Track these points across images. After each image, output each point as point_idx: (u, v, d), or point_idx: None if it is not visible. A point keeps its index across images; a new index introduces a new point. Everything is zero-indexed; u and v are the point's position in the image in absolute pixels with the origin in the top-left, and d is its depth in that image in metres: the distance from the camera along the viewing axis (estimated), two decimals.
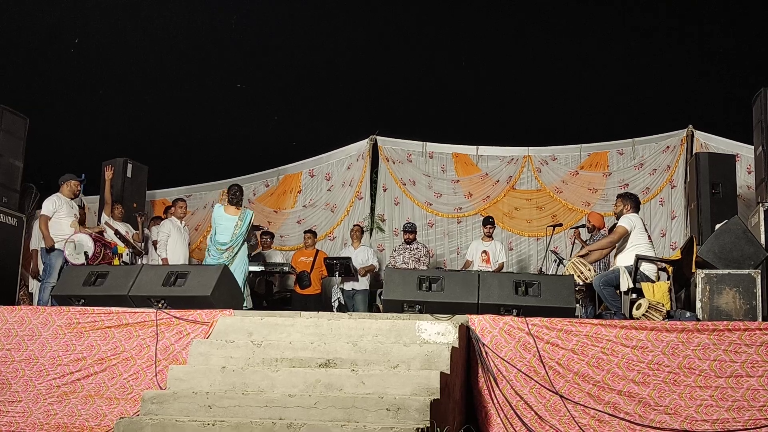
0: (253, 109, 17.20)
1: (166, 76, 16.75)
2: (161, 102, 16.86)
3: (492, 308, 7.09)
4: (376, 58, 17.27)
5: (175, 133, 16.79)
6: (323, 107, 17.12)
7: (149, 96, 16.88)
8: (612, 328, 6.61)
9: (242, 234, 9.22)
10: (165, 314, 7.18)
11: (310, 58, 17.31)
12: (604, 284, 8.01)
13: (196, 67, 16.99)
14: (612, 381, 6.50)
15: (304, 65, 17.38)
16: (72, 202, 9.72)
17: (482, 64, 17.27)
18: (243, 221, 9.25)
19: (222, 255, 9.04)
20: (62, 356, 7.22)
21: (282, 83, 17.40)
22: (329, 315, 7.29)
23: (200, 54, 16.91)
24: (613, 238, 8.31)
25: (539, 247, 12.81)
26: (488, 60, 17.21)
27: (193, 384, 6.01)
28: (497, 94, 16.93)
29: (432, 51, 17.46)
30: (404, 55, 17.32)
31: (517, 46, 17.39)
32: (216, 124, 17.21)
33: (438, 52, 17.41)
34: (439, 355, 6.14)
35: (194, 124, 17.08)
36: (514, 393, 6.59)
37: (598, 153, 13.07)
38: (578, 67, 17.10)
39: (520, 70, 17.26)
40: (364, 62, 17.27)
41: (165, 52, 16.54)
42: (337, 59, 17.29)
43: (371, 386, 5.77)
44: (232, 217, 9.28)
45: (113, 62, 16.55)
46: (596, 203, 12.61)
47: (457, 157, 13.49)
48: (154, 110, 16.88)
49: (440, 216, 13.24)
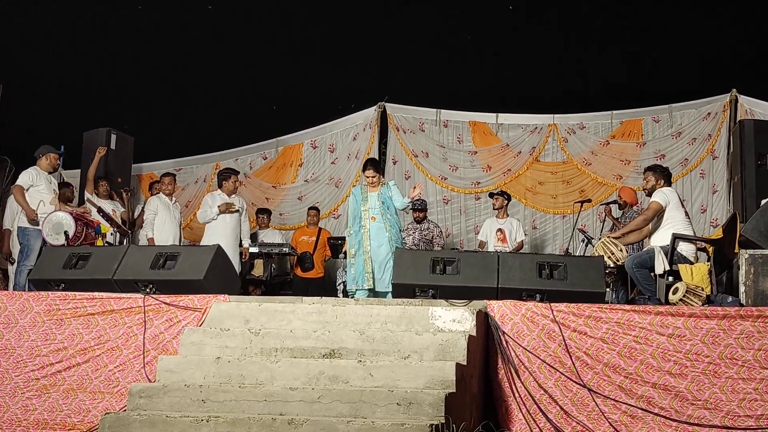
0: (249, 71, 17.12)
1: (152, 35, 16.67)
2: (148, 65, 16.81)
3: (513, 293, 7.09)
4: (384, 15, 17.15)
5: (162, 100, 16.74)
6: (326, 70, 17.03)
7: (134, 58, 16.82)
8: (646, 315, 6.60)
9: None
10: (153, 300, 7.21)
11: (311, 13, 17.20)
12: (638, 266, 7.99)
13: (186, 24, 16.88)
14: (646, 373, 6.50)
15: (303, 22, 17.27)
16: (51, 177, 9.75)
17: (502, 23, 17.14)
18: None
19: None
20: (41, 346, 7.26)
21: (278, 42, 17.30)
22: (334, 300, 7.31)
23: (189, 9, 16.81)
24: (647, 214, 8.28)
25: (565, 225, 12.80)
26: (507, 17, 17.08)
27: (185, 376, 6.05)
28: (519, 55, 16.81)
29: (446, 7, 17.33)
30: (415, 11, 17.19)
31: (541, 1, 17.26)
32: (208, 89, 17.14)
33: (452, 8, 17.28)
34: (454, 344, 6.15)
35: (184, 89, 17.01)
36: (538, 386, 6.61)
37: (631, 121, 13.02)
38: (607, 24, 16.95)
39: (543, 27, 17.12)
40: (371, 20, 17.16)
41: (150, 6, 16.44)
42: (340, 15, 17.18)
43: (380, 379, 5.79)
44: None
45: (95, 20, 16.47)
46: (629, 176, 12.57)
47: (474, 126, 13.46)
48: (140, 74, 16.83)
49: (456, 191, 13.23)
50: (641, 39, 16.58)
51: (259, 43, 16.93)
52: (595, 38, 16.87)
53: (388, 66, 16.94)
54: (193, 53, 16.95)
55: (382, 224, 9.00)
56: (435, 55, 17.27)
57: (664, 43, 16.51)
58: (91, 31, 16.36)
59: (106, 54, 16.65)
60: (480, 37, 17.19)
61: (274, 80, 16.97)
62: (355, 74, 16.55)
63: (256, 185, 13.82)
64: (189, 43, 16.79)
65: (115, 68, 16.81)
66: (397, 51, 17.09)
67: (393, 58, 17.06)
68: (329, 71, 16.85)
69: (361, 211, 9.08)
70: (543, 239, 12.94)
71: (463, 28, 17.22)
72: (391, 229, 8.98)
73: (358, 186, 9.62)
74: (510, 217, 11.69)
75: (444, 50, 17.31)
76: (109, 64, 16.76)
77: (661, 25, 16.43)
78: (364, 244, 8.96)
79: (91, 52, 16.45)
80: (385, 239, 8.95)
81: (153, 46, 16.49)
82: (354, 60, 16.82)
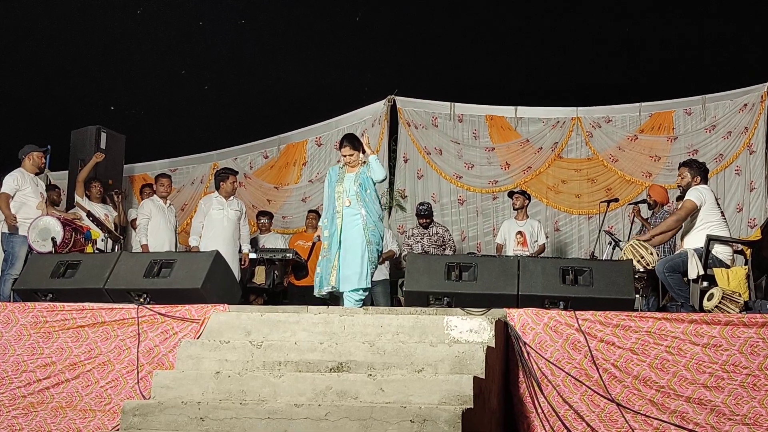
0: (248, 65, 17.15)
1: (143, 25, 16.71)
2: (139, 59, 16.85)
3: (535, 300, 7.08)
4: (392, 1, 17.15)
5: (156, 95, 16.79)
6: (331, 61, 17.05)
7: (126, 52, 16.86)
8: (679, 323, 6.58)
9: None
10: (148, 310, 7.23)
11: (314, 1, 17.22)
12: (669, 270, 7.96)
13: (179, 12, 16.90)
14: (679, 386, 6.48)
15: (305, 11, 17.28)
16: (37, 179, 9.78)
17: (520, 7, 17.12)
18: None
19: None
20: (27, 361, 7.29)
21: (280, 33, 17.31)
22: (341, 310, 7.31)
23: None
24: (679, 215, 8.26)
25: (591, 227, 12.79)
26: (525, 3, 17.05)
27: (182, 392, 6.06)
28: (538, 43, 16.80)
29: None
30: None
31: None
32: (204, 84, 17.18)
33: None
34: (471, 356, 6.14)
35: (178, 83, 17.06)
36: (562, 401, 6.60)
37: (661, 113, 13.00)
38: (635, 9, 16.92)
39: (565, 14, 17.11)
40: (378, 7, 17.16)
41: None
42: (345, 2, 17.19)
43: (392, 394, 5.79)
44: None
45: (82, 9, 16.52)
46: (659, 174, 12.56)
47: (491, 121, 13.46)
48: (131, 67, 16.88)
49: (472, 191, 13.24)
50: (671, 25, 16.55)
51: (259, 33, 16.96)
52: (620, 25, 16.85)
53: (398, 56, 16.94)
54: (187, 44, 16.98)
55: (356, 210, 8.24)
56: (448, 44, 17.25)
57: (697, 30, 16.48)
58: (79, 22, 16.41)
59: (94, 46, 16.69)
60: (496, 25, 17.18)
61: (276, 73, 16.99)
62: (362, 66, 16.56)
63: (256, 186, 13.85)
64: (183, 33, 16.82)
65: (104, 61, 16.86)
66: (407, 40, 17.08)
67: (403, 48, 17.06)
68: (334, 62, 16.87)
69: (336, 194, 8.35)
70: (566, 242, 12.93)
71: (478, 14, 17.21)
72: (367, 216, 8.20)
73: (336, 166, 8.74)
74: (530, 219, 11.68)
75: (457, 38, 17.30)
76: (99, 56, 16.81)
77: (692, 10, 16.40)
78: (340, 234, 8.24)
79: (79, 44, 16.49)
80: (358, 227, 8.20)
81: (145, 37, 16.54)
82: (361, 50, 16.83)
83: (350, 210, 8.25)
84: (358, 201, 8.23)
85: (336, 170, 8.52)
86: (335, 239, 8.24)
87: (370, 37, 16.89)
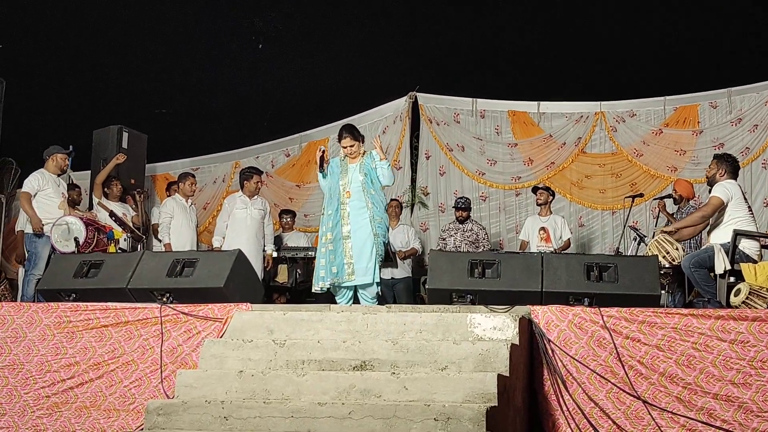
0: (270, 63, 17.18)
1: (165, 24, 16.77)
2: (161, 57, 16.91)
3: (559, 297, 7.08)
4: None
5: (177, 94, 16.85)
6: (352, 58, 17.04)
7: (147, 50, 16.93)
8: (705, 319, 6.54)
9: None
10: (171, 310, 7.26)
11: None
12: (696, 266, 7.92)
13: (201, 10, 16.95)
14: (706, 383, 6.45)
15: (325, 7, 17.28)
16: (59, 180, 9.86)
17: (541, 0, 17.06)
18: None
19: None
20: (51, 361, 7.35)
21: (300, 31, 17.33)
22: (364, 308, 7.33)
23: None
24: (706, 210, 8.21)
25: (615, 222, 12.73)
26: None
27: (206, 391, 6.08)
28: (562, 37, 16.71)
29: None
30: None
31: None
32: (226, 83, 17.22)
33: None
34: (495, 354, 6.13)
35: (200, 82, 17.11)
36: (587, 398, 6.58)
37: (686, 107, 12.92)
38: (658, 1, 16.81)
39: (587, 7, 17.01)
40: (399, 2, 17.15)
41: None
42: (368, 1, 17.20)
43: (415, 392, 5.79)
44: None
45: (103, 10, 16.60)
46: (684, 168, 12.48)
47: (514, 116, 13.43)
48: (153, 67, 16.94)
49: (495, 187, 13.21)
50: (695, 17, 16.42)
51: (278, 30, 16.98)
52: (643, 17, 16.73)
53: (419, 52, 16.91)
54: (208, 43, 17.03)
55: (363, 202, 8.17)
56: (469, 40, 17.19)
57: (722, 22, 16.33)
58: (100, 21, 16.50)
59: (116, 46, 16.77)
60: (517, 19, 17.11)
61: (296, 71, 17.00)
62: (383, 62, 16.54)
63: (278, 185, 13.89)
64: (204, 32, 16.88)
65: (126, 61, 16.93)
66: (428, 36, 17.04)
67: (424, 44, 17.01)
68: (355, 59, 16.84)
69: (340, 185, 8.27)
70: (591, 238, 12.88)
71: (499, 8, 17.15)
72: (373, 208, 8.13)
73: (336, 158, 8.61)
74: (554, 215, 11.64)
75: (478, 33, 17.22)
76: (120, 56, 16.88)
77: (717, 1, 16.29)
78: (343, 227, 8.16)
79: (100, 44, 16.57)
80: (365, 220, 8.14)
81: (166, 37, 16.58)
82: (382, 47, 16.80)
83: (356, 202, 8.19)
84: (364, 192, 8.17)
85: (337, 162, 8.43)
86: (339, 231, 8.15)
87: (391, 33, 16.88)
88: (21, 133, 12.83)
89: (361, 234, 8.13)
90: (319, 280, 8.25)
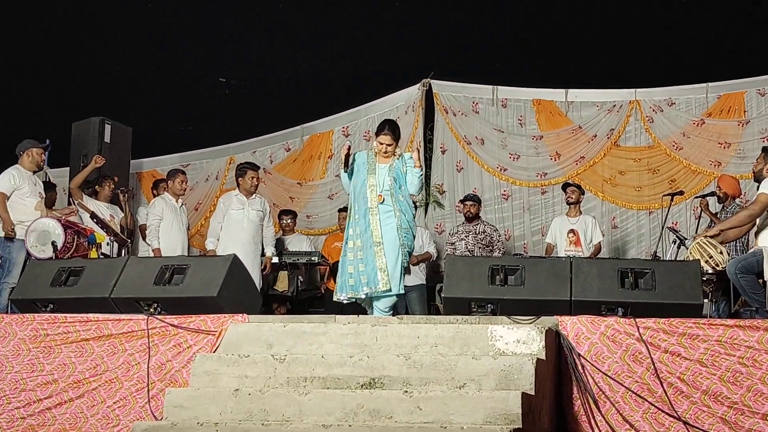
0: (267, 47, 17.20)
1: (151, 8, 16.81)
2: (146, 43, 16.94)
3: (590, 307, 7.07)
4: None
5: (164, 84, 16.88)
6: (359, 42, 17.05)
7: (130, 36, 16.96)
8: (753, 331, 6.54)
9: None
10: (159, 321, 7.28)
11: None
12: (742, 271, 7.90)
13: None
14: (754, 402, 6.44)
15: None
16: (35, 177, 9.87)
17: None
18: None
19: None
20: (27, 379, 7.37)
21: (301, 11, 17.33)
22: (373, 319, 7.33)
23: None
24: (753, 209, 8.19)
25: (653, 223, 12.72)
26: None
27: (198, 412, 6.10)
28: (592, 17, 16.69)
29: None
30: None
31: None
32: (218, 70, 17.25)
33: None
34: (519, 370, 6.13)
35: (189, 70, 17.13)
36: (622, 419, 6.58)
37: (730, 94, 12.90)
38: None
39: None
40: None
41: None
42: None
43: (430, 413, 5.79)
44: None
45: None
46: (729, 162, 12.47)
47: (539, 105, 13.44)
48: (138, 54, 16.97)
49: (518, 185, 13.22)
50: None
51: (278, 12, 16.99)
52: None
53: (433, 34, 16.89)
54: (199, 27, 17.04)
55: (390, 206, 8.03)
56: (489, 20, 17.17)
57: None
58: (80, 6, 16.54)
59: (97, 32, 16.79)
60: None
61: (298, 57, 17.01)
62: (393, 45, 16.53)
63: (278, 182, 13.91)
64: (194, 15, 16.89)
65: (108, 47, 16.95)
66: (443, 16, 17.03)
67: (439, 25, 17.00)
68: (363, 42, 16.84)
69: (367, 186, 8.11)
70: (625, 241, 12.88)
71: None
72: (401, 215, 8.02)
73: (364, 152, 8.40)
74: (584, 215, 11.63)
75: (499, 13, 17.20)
76: (102, 43, 16.91)
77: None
78: (374, 232, 8.00)
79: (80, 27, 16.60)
80: (392, 226, 8.02)
81: (152, 21, 16.62)
82: (392, 28, 16.80)
83: (384, 207, 8.06)
84: (392, 197, 8.04)
85: (364, 157, 8.24)
86: (368, 238, 8.02)
87: (402, 14, 16.87)
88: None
89: (388, 242, 8.02)
90: (348, 289, 8.08)
